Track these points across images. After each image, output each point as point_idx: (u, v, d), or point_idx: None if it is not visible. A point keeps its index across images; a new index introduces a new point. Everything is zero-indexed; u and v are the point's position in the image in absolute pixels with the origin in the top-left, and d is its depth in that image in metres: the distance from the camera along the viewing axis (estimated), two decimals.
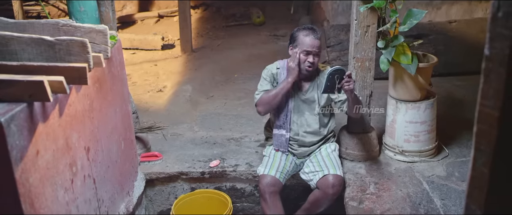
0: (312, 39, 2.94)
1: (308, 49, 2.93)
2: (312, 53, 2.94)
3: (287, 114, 3.09)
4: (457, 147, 3.58)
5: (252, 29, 7.73)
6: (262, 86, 3.10)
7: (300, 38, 2.97)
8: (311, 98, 3.09)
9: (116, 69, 2.68)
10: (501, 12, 0.84)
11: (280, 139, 3.13)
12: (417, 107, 3.28)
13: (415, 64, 3.10)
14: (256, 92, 3.11)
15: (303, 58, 2.96)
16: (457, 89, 4.75)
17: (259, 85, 3.13)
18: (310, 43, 2.93)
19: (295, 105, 3.09)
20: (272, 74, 3.10)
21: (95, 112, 2.35)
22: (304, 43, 2.95)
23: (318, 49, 2.96)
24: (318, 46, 2.95)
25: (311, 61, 2.94)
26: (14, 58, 1.94)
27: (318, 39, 2.96)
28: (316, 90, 3.09)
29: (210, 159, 3.54)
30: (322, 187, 2.95)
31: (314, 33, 2.96)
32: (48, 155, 1.84)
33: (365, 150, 3.43)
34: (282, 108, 3.09)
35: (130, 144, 3.01)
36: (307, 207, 3.11)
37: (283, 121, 3.10)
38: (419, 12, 3.04)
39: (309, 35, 2.95)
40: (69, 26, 2.21)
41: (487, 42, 0.88)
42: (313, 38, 2.94)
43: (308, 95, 3.09)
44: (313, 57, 2.95)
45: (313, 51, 2.93)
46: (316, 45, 2.94)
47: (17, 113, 1.62)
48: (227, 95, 5.01)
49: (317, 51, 2.95)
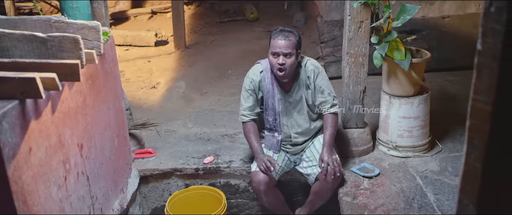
0: (278, 40, 2.85)
1: (275, 50, 2.86)
2: (279, 53, 2.85)
3: (276, 117, 3.07)
4: (451, 142, 3.60)
5: (245, 25, 7.71)
6: (245, 100, 3.07)
7: (271, 41, 2.92)
8: (298, 98, 3.06)
9: (109, 66, 2.67)
10: (494, 7, 0.84)
11: (271, 140, 3.12)
12: (410, 103, 3.29)
13: (408, 60, 3.10)
14: (241, 108, 3.10)
15: (273, 61, 2.88)
16: (450, 84, 4.77)
17: (241, 97, 3.09)
18: (276, 44, 2.85)
19: (283, 107, 3.07)
20: (256, 84, 3.03)
21: (88, 109, 2.34)
22: (272, 45, 2.89)
23: (288, 49, 2.84)
24: (286, 46, 2.84)
25: (280, 62, 2.85)
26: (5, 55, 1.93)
27: (286, 39, 2.85)
28: (302, 88, 3.04)
29: (204, 156, 3.53)
30: (322, 177, 2.95)
31: (281, 33, 2.87)
32: (41, 152, 1.83)
33: (359, 146, 3.44)
34: (269, 113, 3.07)
35: (124, 141, 3.00)
36: (311, 199, 3.12)
37: (273, 124, 3.09)
38: (412, 8, 3.04)
39: (276, 36, 2.88)
40: (61, 23, 2.20)
41: (479, 37, 0.88)
42: (279, 39, 2.85)
43: (294, 96, 3.06)
44: (282, 58, 2.85)
45: (279, 51, 2.84)
46: (282, 45, 2.84)
47: (9, 110, 1.61)
48: (221, 92, 5.00)
49: (286, 52, 2.84)
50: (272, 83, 3.00)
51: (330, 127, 3.01)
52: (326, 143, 2.97)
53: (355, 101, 3.38)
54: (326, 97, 3.01)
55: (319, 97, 3.03)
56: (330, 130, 3.00)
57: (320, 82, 3.01)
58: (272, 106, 3.04)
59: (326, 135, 3.00)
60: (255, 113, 3.08)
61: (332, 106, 3.03)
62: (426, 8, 5.15)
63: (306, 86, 3.04)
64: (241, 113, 3.09)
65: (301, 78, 3.03)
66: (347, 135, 3.42)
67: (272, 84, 3.01)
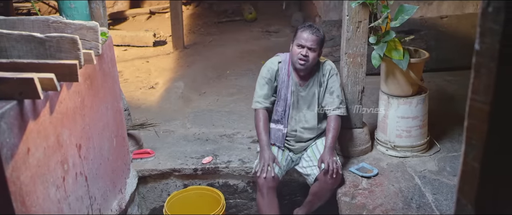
0: (307, 34, 2.93)
1: (301, 42, 2.93)
2: (305, 46, 2.93)
3: (285, 109, 3.09)
4: (449, 142, 3.60)
5: (244, 25, 7.71)
6: (260, 88, 3.09)
7: (297, 33, 2.99)
8: (311, 94, 3.09)
9: (107, 66, 2.67)
10: (491, 7, 0.84)
11: (277, 133, 3.13)
12: (408, 103, 3.29)
13: (406, 60, 3.11)
14: (255, 94, 3.11)
15: (297, 51, 2.96)
16: (448, 84, 4.77)
17: (257, 85, 3.11)
18: (304, 37, 2.93)
19: (294, 100, 3.09)
20: (273, 72, 3.07)
21: (86, 109, 2.34)
22: (299, 37, 2.96)
23: (313, 44, 2.93)
24: (313, 41, 2.93)
25: (303, 53, 2.93)
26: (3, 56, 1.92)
27: (314, 34, 2.93)
28: (316, 86, 3.08)
29: (202, 156, 3.53)
30: (322, 178, 2.96)
31: (311, 28, 2.96)
32: (39, 152, 1.83)
33: (357, 146, 3.44)
34: (280, 103, 3.08)
35: (122, 141, 3.00)
36: (310, 199, 3.13)
37: (281, 116, 3.10)
38: (410, 8, 3.05)
39: (305, 30, 2.96)
40: (59, 23, 2.19)
41: (477, 37, 0.88)
42: (308, 33, 2.93)
43: (308, 91, 3.09)
44: (306, 50, 2.93)
45: (306, 44, 2.92)
46: (310, 39, 2.92)
47: (7, 111, 1.61)
48: (219, 92, 5.00)
49: (312, 46, 2.93)
50: (288, 75, 3.06)
51: (333, 130, 3.03)
52: (328, 145, 2.99)
53: (353, 101, 3.39)
54: (334, 98, 3.07)
55: (328, 97, 3.08)
56: (332, 132, 3.02)
57: (332, 82, 3.08)
58: (285, 97, 3.06)
59: (328, 138, 3.02)
60: (269, 102, 3.11)
61: (338, 108, 3.07)
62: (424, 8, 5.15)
63: (320, 83, 3.08)
64: (255, 99, 3.11)
65: (318, 75, 3.08)
66: (346, 135, 3.42)
67: (288, 76, 3.06)
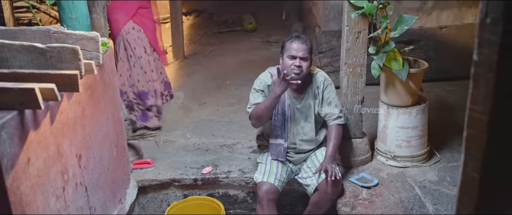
0: (297, 44, 2.92)
1: (292, 53, 2.92)
2: (297, 57, 2.91)
3: (284, 123, 3.08)
4: (449, 152, 3.60)
5: (244, 36, 7.73)
6: (254, 99, 3.06)
7: (286, 45, 2.97)
8: (307, 106, 3.08)
9: (107, 76, 2.67)
10: (489, 18, 0.85)
11: (277, 148, 3.12)
12: (408, 113, 3.29)
13: (406, 70, 3.12)
14: (248, 105, 3.09)
15: (289, 63, 2.94)
16: (448, 94, 4.78)
17: (251, 96, 3.09)
18: (295, 48, 2.92)
19: (291, 114, 3.09)
20: (265, 86, 3.05)
21: (87, 119, 2.34)
22: (289, 48, 2.95)
23: (305, 54, 2.92)
24: (303, 50, 2.91)
25: (297, 64, 2.91)
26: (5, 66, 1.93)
27: (303, 44, 2.93)
28: (311, 97, 3.08)
29: (202, 166, 3.53)
30: (321, 188, 2.96)
31: (298, 38, 2.95)
32: (39, 162, 1.83)
33: (357, 156, 3.44)
34: (278, 118, 3.08)
35: (122, 151, 3.00)
36: (310, 210, 3.11)
37: (281, 130, 3.09)
38: (409, 18, 3.06)
39: (293, 41, 2.95)
40: (60, 33, 2.21)
41: (475, 48, 0.89)
42: (298, 43, 2.93)
43: (303, 103, 3.08)
44: (299, 61, 2.91)
45: (297, 55, 2.91)
46: (301, 49, 2.91)
47: (8, 121, 1.61)
48: (219, 102, 5.01)
49: (303, 56, 2.91)
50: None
51: (334, 139, 3.03)
52: (329, 154, 2.98)
53: (353, 111, 3.39)
54: (333, 108, 3.06)
55: (326, 108, 3.07)
56: (333, 141, 3.02)
57: (328, 93, 3.07)
58: (282, 111, 3.05)
59: (329, 147, 3.01)
60: None
61: (338, 117, 3.07)
62: (424, 19, 5.17)
63: (314, 95, 3.06)
64: (249, 106, 3.07)
65: (311, 87, 3.07)
66: (346, 145, 3.42)
67: None
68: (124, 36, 4.14)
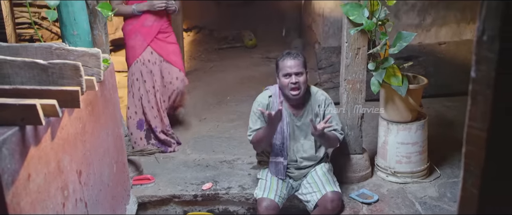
0: (289, 61, 2.94)
1: (286, 71, 2.94)
2: (291, 73, 2.93)
3: (283, 141, 3.08)
4: (449, 167, 3.60)
5: (244, 52, 7.77)
6: (253, 123, 3.07)
7: (279, 64, 2.99)
8: (307, 123, 3.08)
9: (108, 92, 2.69)
10: (486, 35, 0.86)
11: (277, 167, 3.12)
12: (408, 128, 3.30)
13: (405, 86, 3.13)
14: (248, 130, 3.10)
15: (285, 82, 2.95)
16: (447, 110, 4.79)
17: (250, 121, 3.10)
18: (287, 65, 2.94)
19: (290, 131, 3.09)
20: (264, 107, 3.05)
21: (87, 135, 2.35)
22: (282, 67, 2.96)
23: (299, 69, 2.93)
24: (296, 66, 2.93)
25: (293, 81, 2.92)
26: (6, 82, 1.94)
27: (295, 59, 2.94)
28: (311, 114, 3.09)
29: (202, 182, 3.52)
30: (322, 204, 2.95)
31: (289, 55, 2.97)
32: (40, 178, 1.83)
33: (358, 172, 3.44)
34: (277, 136, 3.08)
35: (122, 167, 2.99)
36: None
37: (280, 148, 3.09)
38: (408, 35, 3.09)
39: (285, 58, 2.97)
40: (62, 50, 2.22)
41: (473, 65, 0.90)
42: (289, 59, 2.94)
43: (303, 120, 3.09)
44: (294, 77, 2.93)
45: (292, 71, 2.93)
46: (294, 64, 2.93)
47: (9, 137, 1.61)
48: (219, 118, 5.01)
49: (298, 71, 2.93)
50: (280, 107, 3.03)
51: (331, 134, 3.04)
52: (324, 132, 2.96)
53: (353, 127, 3.40)
54: (334, 126, 3.07)
55: None
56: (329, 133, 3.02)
57: (330, 112, 3.08)
58: (280, 130, 3.04)
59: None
60: None
61: (339, 134, 3.09)
62: (423, 35, 5.21)
63: (315, 113, 3.07)
64: (249, 133, 3.09)
65: (311, 104, 3.08)
66: (346, 161, 3.42)
67: None
68: (139, 66, 3.96)
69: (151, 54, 3.97)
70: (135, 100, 4.05)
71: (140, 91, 4.02)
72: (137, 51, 3.94)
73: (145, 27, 3.92)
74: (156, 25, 3.94)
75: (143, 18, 3.90)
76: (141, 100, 4.04)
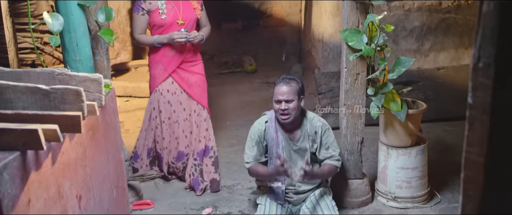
0: (280, 87, 2.98)
1: (277, 97, 2.98)
2: (281, 100, 2.96)
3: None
4: (449, 192, 3.58)
5: (244, 77, 7.82)
6: (249, 149, 3.10)
7: (274, 89, 3.04)
8: (303, 148, 3.09)
9: (109, 117, 2.70)
10: (481, 62, 0.88)
11: (276, 191, 3.11)
12: (408, 153, 3.30)
13: (404, 111, 3.15)
14: (245, 155, 3.11)
15: (276, 107, 2.99)
16: (447, 134, 4.79)
17: (246, 146, 3.13)
18: (278, 92, 2.98)
19: (288, 155, 3.09)
20: (261, 133, 3.09)
21: (88, 160, 2.35)
22: (275, 93, 3.01)
23: (289, 96, 2.95)
24: (287, 93, 2.95)
25: (282, 108, 2.95)
26: (8, 107, 1.96)
27: (287, 86, 2.97)
28: (307, 138, 3.09)
29: (202, 207, 3.50)
30: None
31: (282, 81, 3.00)
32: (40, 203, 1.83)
33: (358, 197, 3.42)
34: (273, 162, 3.07)
35: (122, 192, 2.98)
36: None
37: None
38: (407, 60, 3.12)
39: (278, 84, 3.01)
40: (64, 75, 2.24)
41: (470, 91, 0.91)
42: (281, 86, 2.98)
43: (300, 145, 3.10)
44: (284, 104, 2.95)
45: (282, 99, 2.96)
46: (284, 92, 2.96)
47: (10, 162, 1.62)
48: (219, 142, 5.00)
49: (288, 98, 2.95)
50: (276, 132, 3.04)
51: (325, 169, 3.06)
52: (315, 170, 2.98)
53: (353, 152, 3.40)
54: (332, 152, 3.08)
55: (324, 153, 3.08)
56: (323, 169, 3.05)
57: (326, 138, 3.08)
58: (277, 155, 3.05)
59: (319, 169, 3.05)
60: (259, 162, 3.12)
61: (336, 160, 3.08)
62: (421, 60, 5.25)
63: (312, 140, 3.07)
64: (246, 160, 3.11)
65: (307, 130, 3.08)
66: (346, 186, 3.41)
67: (276, 132, 3.05)
68: (157, 96, 3.81)
69: (172, 84, 3.81)
70: (149, 129, 3.95)
71: (156, 121, 3.89)
72: (157, 80, 3.79)
73: (166, 57, 3.76)
74: (178, 56, 3.76)
75: (165, 48, 3.74)
76: (155, 130, 3.93)
